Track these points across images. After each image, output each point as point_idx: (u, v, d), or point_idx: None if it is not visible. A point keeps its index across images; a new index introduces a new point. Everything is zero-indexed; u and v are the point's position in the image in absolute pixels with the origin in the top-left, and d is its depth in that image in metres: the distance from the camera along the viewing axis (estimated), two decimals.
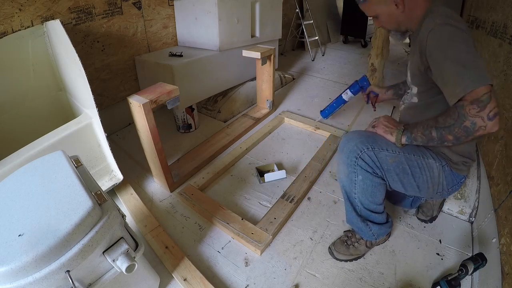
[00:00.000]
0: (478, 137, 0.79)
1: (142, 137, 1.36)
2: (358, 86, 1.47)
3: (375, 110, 1.48)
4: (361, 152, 0.95)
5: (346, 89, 1.53)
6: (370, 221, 1.07)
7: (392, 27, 1.01)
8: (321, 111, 1.71)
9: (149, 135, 1.28)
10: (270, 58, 1.94)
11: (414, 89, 1.01)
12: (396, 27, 0.99)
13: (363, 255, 1.14)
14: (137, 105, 1.20)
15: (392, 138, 0.94)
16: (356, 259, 1.13)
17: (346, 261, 1.13)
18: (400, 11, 0.92)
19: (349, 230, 1.20)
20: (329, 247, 1.17)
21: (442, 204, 1.30)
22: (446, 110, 0.81)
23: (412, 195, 1.20)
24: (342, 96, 1.57)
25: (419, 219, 1.29)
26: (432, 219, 1.28)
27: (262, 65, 1.94)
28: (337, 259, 1.13)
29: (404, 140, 0.92)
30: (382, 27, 1.03)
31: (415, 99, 1.02)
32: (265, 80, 2.08)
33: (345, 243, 1.15)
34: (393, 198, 1.34)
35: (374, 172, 0.97)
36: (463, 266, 0.95)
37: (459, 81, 0.76)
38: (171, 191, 1.46)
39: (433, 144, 0.86)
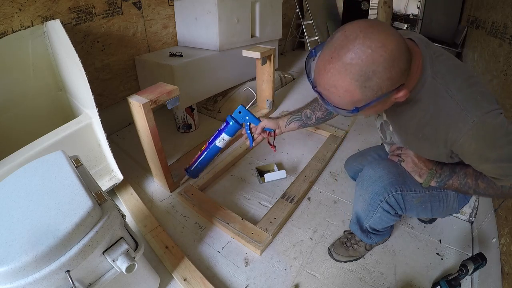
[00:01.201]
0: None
1: (142, 137, 1.36)
2: (236, 125, 1.08)
3: (275, 151, 1.16)
4: (388, 195, 0.86)
5: (219, 133, 1.13)
6: (373, 234, 1.07)
7: (373, 114, 0.83)
8: (186, 168, 1.31)
9: (149, 135, 1.28)
10: (270, 58, 1.94)
11: (396, 140, 0.86)
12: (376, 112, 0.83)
13: (363, 256, 1.14)
14: (137, 105, 1.20)
15: (419, 179, 0.83)
16: (355, 259, 1.13)
17: (345, 261, 1.13)
18: (398, 101, 0.63)
19: (349, 231, 1.20)
20: (328, 248, 1.16)
21: None
22: (485, 177, 0.71)
23: None
24: (216, 144, 1.16)
25: (419, 219, 1.29)
26: (432, 220, 1.28)
27: (262, 65, 1.94)
28: (336, 260, 1.13)
29: (433, 184, 0.81)
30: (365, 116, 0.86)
31: (398, 142, 0.87)
32: (265, 80, 2.08)
33: (345, 245, 1.14)
34: None
35: (395, 213, 0.92)
36: (463, 266, 0.95)
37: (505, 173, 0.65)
38: (171, 191, 1.46)
39: (463, 192, 0.79)
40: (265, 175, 1.51)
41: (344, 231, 1.23)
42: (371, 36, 0.51)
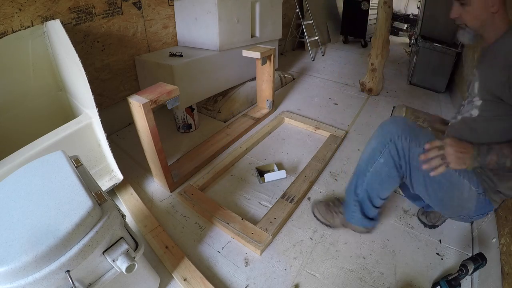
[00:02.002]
0: None
1: (142, 137, 1.36)
2: None
3: None
4: (397, 137, 0.91)
5: None
6: (360, 207, 1.09)
7: (474, 24, 0.88)
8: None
9: (149, 135, 1.28)
10: (270, 58, 1.94)
11: (478, 102, 0.88)
12: (478, 26, 0.88)
13: (334, 226, 1.23)
14: (137, 105, 1.20)
15: (464, 167, 0.81)
16: (327, 225, 1.23)
17: (318, 220, 1.24)
18: (491, 12, 0.81)
19: (339, 199, 1.26)
20: (312, 201, 1.30)
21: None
22: None
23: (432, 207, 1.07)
24: None
25: (420, 220, 1.29)
26: (433, 227, 1.26)
27: (262, 65, 1.94)
28: (313, 213, 1.26)
29: (476, 164, 0.80)
30: (462, 20, 0.90)
31: (475, 112, 0.89)
32: (265, 80, 2.08)
33: (328, 207, 1.24)
34: (410, 196, 1.27)
35: (398, 165, 0.94)
36: (463, 266, 0.95)
37: None
38: (171, 191, 1.46)
39: (501, 169, 0.81)
40: (265, 175, 1.51)
41: (336, 198, 1.32)
42: None
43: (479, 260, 0.95)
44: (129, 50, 1.93)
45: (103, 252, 0.71)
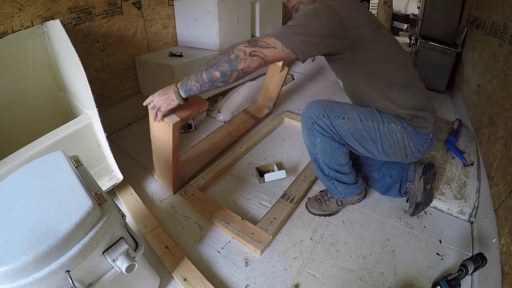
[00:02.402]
0: (243, 73, 0.88)
1: (157, 146, 1.30)
2: None
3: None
4: (317, 118, 1.05)
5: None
6: (337, 180, 1.20)
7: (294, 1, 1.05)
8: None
9: (170, 150, 1.21)
10: (289, 63, 1.93)
11: (335, 73, 1.16)
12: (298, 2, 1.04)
13: (335, 212, 1.29)
14: (165, 123, 1.10)
15: (176, 102, 1.00)
16: (329, 215, 1.29)
17: (320, 215, 1.29)
18: None
19: (324, 190, 1.32)
20: (306, 203, 1.35)
21: (427, 191, 1.25)
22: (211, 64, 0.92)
23: (384, 161, 1.30)
24: None
25: (410, 215, 1.29)
26: (417, 206, 1.24)
27: (280, 71, 1.93)
28: (310, 212, 1.31)
29: (183, 94, 0.98)
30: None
31: (340, 82, 1.16)
32: (275, 81, 2.05)
33: (319, 200, 1.31)
34: (381, 188, 1.37)
35: (331, 137, 1.07)
36: (463, 266, 0.95)
37: (274, 29, 0.90)
38: (174, 193, 1.45)
39: (206, 88, 0.94)
40: (265, 175, 1.51)
41: (320, 191, 1.38)
42: None
43: (479, 260, 0.95)
44: (129, 50, 1.92)
45: (103, 252, 0.71)
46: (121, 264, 0.73)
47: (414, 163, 1.29)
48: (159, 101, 1.02)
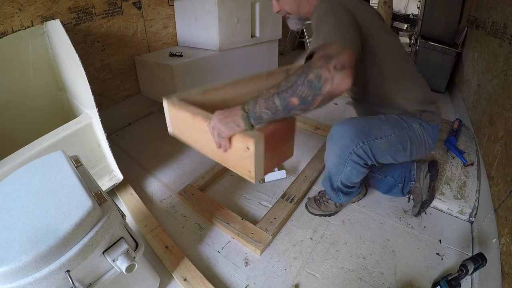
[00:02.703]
0: (329, 96, 0.65)
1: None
2: None
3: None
4: (356, 147, 0.97)
5: None
6: (342, 192, 1.19)
7: (292, 8, 1.02)
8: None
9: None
10: None
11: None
12: (295, 9, 1.02)
13: (334, 212, 1.29)
14: (237, 147, 0.79)
15: (241, 127, 0.74)
16: (328, 215, 1.29)
17: (319, 215, 1.29)
18: None
19: (323, 191, 1.32)
20: (305, 203, 1.35)
21: (431, 188, 1.27)
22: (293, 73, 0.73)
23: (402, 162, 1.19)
24: None
25: (414, 215, 1.30)
26: (423, 205, 1.26)
27: None
28: (310, 212, 1.31)
29: (254, 123, 0.74)
30: (282, 10, 1.04)
31: (351, 96, 1.13)
32: None
33: (318, 201, 1.31)
34: (383, 188, 1.36)
35: (364, 164, 1.03)
36: (463, 266, 0.95)
37: (317, 41, 0.73)
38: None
39: (280, 117, 0.72)
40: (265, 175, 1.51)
41: (319, 191, 1.37)
42: None
43: (479, 260, 0.95)
44: (129, 50, 1.93)
45: (103, 252, 0.71)
46: (121, 264, 0.73)
47: (417, 161, 1.30)
48: (220, 125, 0.75)
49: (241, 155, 0.76)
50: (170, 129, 1.07)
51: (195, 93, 1.08)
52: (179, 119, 0.99)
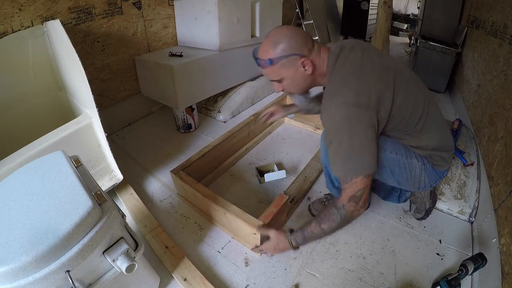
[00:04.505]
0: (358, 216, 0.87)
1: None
2: None
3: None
4: None
5: None
6: None
7: (297, 90, 0.97)
8: None
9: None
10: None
11: None
12: (300, 90, 0.97)
13: None
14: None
15: (288, 249, 0.97)
16: None
17: None
18: (308, 73, 0.88)
19: (329, 194, 1.33)
20: (308, 205, 1.35)
21: (432, 194, 1.28)
22: (324, 214, 0.88)
23: (394, 187, 1.25)
24: None
25: (416, 218, 1.29)
26: (427, 212, 1.26)
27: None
28: (313, 215, 1.31)
29: (298, 245, 0.95)
30: (285, 91, 0.96)
31: None
32: None
33: (323, 203, 1.31)
34: (381, 193, 1.34)
35: None
36: (463, 266, 0.95)
37: (339, 164, 0.83)
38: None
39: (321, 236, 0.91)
40: (265, 175, 1.51)
41: (325, 194, 1.38)
42: (283, 28, 0.87)
43: (479, 260, 0.95)
44: (129, 50, 1.93)
45: (103, 252, 0.71)
46: (121, 264, 0.73)
47: None
48: (272, 251, 1.02)
49: (250, 235, 1.10)
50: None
51: (195, 157, 1.43)
52: (188, 192, 1.33)
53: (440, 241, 1.20)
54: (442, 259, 1.13)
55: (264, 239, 1.08)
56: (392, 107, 0.84)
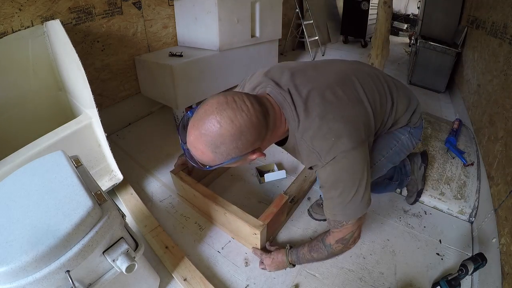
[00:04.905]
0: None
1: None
2: None
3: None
4: None
5: None
6: None
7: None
8: None
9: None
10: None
11: None
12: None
13: None
14: (250, 230, 1.07)
15: (286, 266, 1.07)
16: None
17: (320, 220, 1.29)
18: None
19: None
20: (308, 209, 1.34)
21: (423, 177, 1.34)
22: (315, 245, 0.92)
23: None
24: None
25: (409, 203, 1.34)
26: (419, 193, 1.31)
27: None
28: (315, 219, 1.30)
29: (294, 262, 1.04)
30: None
31: None
32: None
33: (321, 206, 1.26)
34: (377, 189, 1.30)
35: None
36: (463, 266, 0.95)
37: (340, 209, 0.79)
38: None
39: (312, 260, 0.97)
40: (265, 175, 1.51)
41: (320, 195, 1.37)
42: (223, 113, 0.62)
43: (479, 260, 0.95)
44: (129, 50, 1.92)
45: (103, 252, 0.71)
46: (121, 264, 0.73)
47: (408, 156, 1.31)
48: (271, 268, 1.08)
49: (250, 235, 1.10)
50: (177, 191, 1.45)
51: None
52: (188, 192, 1.32)
53: (440, 241, 1.20)
54: (442, 259, 1.13)
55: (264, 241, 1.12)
56: (375, 122, 0.80)
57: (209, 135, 0.62)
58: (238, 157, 0.66)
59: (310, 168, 0.80)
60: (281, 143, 0.84)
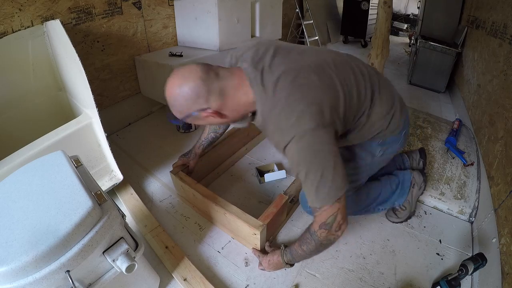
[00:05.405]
0: (336, 240, 0.85)
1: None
2: None
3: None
4: None
5: None
6: None
7: (235, 118, 0.86)
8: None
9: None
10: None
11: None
12: (231, 122, 0.88)
13: None
14: (250, 231, 1.07)
15: (282, 266, 1.05)
16: None
17: (399, 223, 1.27)
18: (227, 120, 0.82)
19: None
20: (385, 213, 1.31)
21: (424, 170, 1.37)
22: (303, 237, 0.90)
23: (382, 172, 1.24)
24: None
25: (392, 221, 1.28)
26: (409, 217, 1.29)
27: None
28: (390, 221, 1.28)
29: (290, 261, 1.01)
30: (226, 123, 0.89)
31: None
32: None
33: (395, 211, 1.27)
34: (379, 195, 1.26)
35: None
36: (463, 266, 0.95)
37: (313, 194, 0.78)
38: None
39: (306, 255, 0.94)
40: (265, 175, 1.51)
41: None
42: (175, 80, 0.77)
43: (479, 260, 0.95)
44: (129, 50, 1.92)
45: (103, 252, 0.71)
46: (121, 264, 0.73)
47: (406, 152, 1.39)
48: (269, 269, 1.08)
49: (250, 235, 1.10)
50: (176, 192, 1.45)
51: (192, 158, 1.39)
52: (188, 192, 1.32)
53: (440, 241, 1.20)
54: (442, 259, 1.13)
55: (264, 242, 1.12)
56: (345, 111, 0.80)
57: (167, 95, 0.78)
58: (190, 114, 0.78)
59: (278, 148, 0.81)
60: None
